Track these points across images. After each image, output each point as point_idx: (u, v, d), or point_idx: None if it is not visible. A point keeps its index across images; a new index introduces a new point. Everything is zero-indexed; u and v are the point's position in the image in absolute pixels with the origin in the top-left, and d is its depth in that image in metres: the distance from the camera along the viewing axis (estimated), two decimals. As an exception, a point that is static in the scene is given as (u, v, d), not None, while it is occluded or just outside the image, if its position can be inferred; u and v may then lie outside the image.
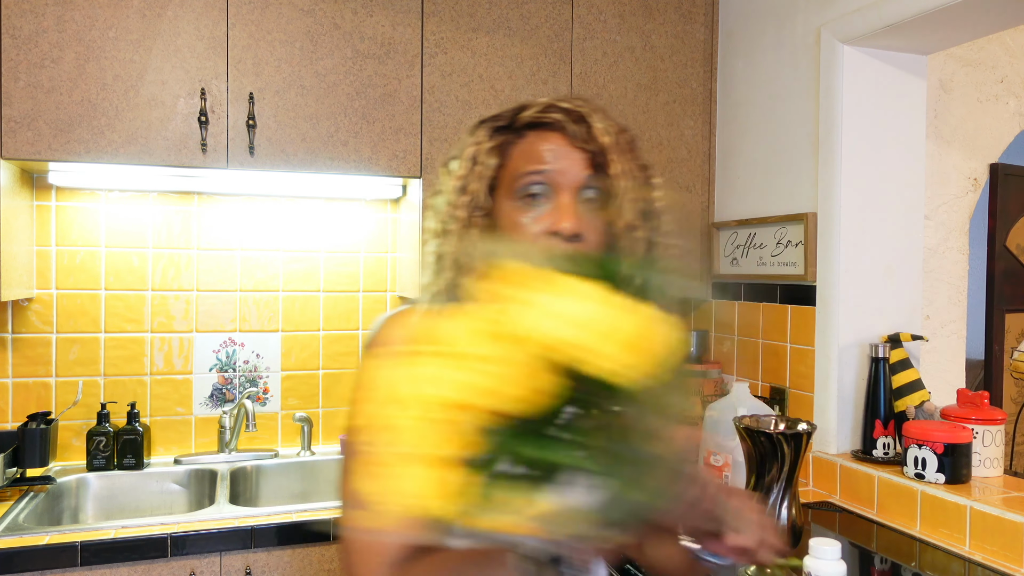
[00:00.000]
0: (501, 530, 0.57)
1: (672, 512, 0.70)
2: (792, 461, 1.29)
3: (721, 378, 2.32)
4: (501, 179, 0.90)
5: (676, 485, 0.60)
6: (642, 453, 0.56)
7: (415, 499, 0.56)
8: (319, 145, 1.93)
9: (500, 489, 0.56)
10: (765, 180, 2.15)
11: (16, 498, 1.79)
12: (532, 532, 0.58)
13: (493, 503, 0.56)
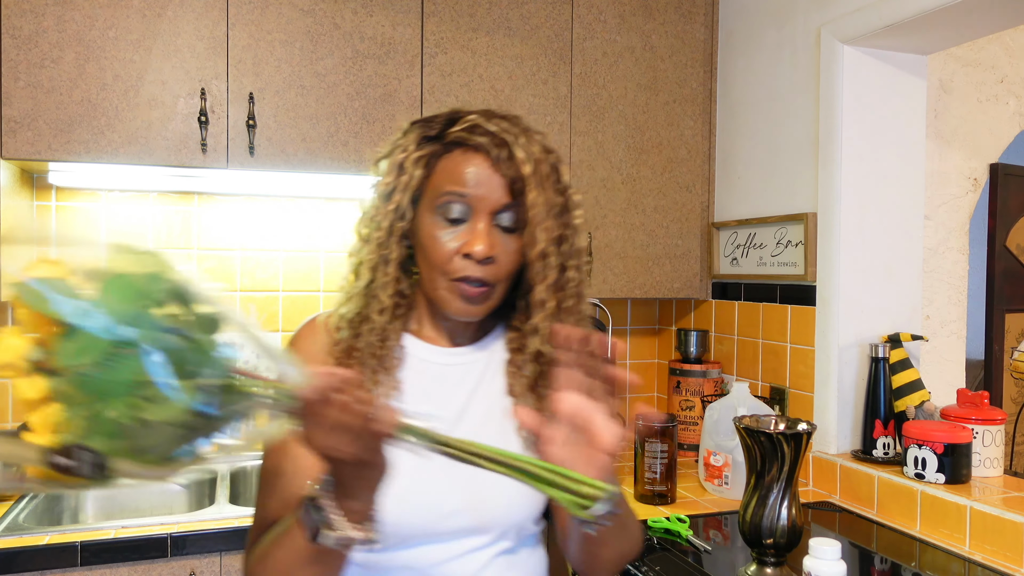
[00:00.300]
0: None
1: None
2: (792, 461, 1.29)
3: (721, 378, 2.32)
4: (424, 190, 0.94)
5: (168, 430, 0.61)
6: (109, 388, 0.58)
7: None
8: (319, 145, 1.93)
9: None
10: (765, 180, 2.15)
11: (16, 498, 1.79)
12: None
13: None
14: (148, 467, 0.61)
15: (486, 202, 0.90)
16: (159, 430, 0.60)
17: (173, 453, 0.62)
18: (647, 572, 1.40)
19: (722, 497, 1.90)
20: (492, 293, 0.93)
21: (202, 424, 0.62)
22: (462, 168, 0.91)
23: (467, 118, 0.93)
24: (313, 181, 2.07)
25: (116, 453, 0.59)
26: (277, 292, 2.26)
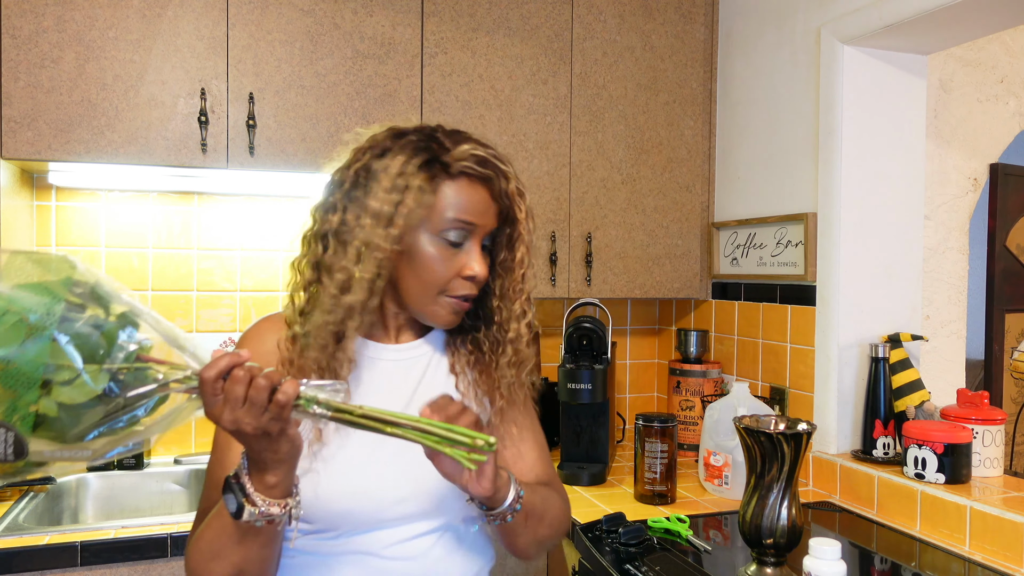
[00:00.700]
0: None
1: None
2: (792, 461, 1.29)
3: (721, 378, 2.32)
4: (428, 216, 0.97)
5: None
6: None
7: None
8: (319, 145, 1.93)
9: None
10: (765, 180, 2.15)
11: (16, 498, 1.79)
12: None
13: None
14: (64, 447, 0.66)
15: (483, 229, 1.00)
16: (73, 412, 0.65)
17: (87, 435, 0.67)
18: (647, 572, 1.40)
19: (722, 497, 1.90)
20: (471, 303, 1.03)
21: (112, 406, 0.67)
22: (472, 199, 0.98)
23: (464, 147, 0.98)
24: (313, 181, 2.07)
25: (34, 434, 0.64)
26: (277, 292, 2.26)
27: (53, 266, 0.69)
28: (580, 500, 1.87)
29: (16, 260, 0.69)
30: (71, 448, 0.66)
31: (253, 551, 0.84)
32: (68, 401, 0.65)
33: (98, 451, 0.69)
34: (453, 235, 0.97)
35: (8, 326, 0.64)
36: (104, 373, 0.67)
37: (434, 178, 0.97)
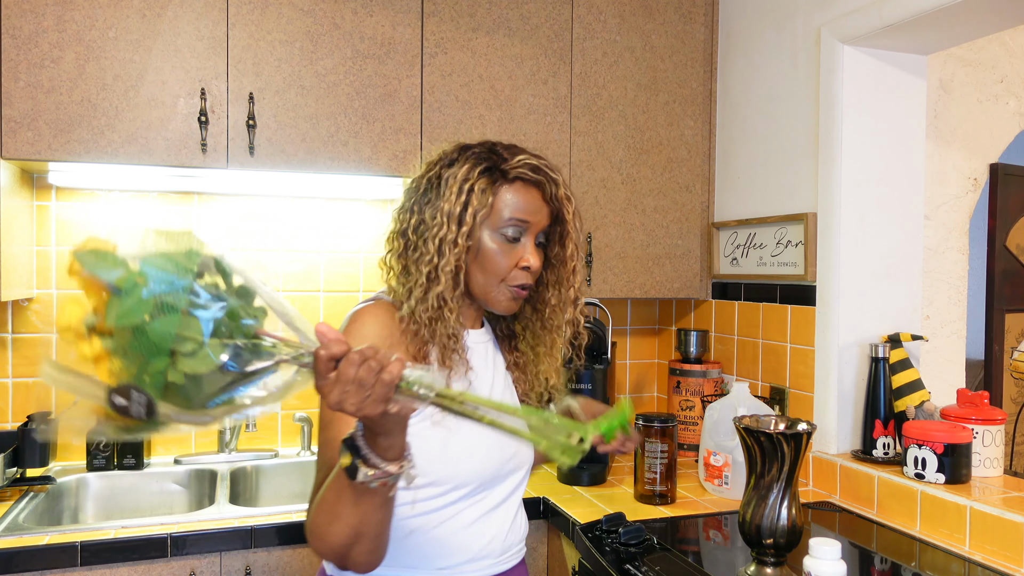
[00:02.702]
0: None
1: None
2: (792, 461, 1.29)
3: (721, 378, 2.32)
4: (490, 214, 1.13)
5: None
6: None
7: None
8: (319, 145, 1.93)
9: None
10: (765, 180, 2.15)
11: (16, 498, 1.79)
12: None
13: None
14: (189, 412, 0.70)
15: (537, 226, 1.15)
16: (196, 381, 0.70)
17: (209, 402, 0.71)
18: (647, 572, 1.40)
19: (722, 497, 1.89)
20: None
21: (233, 378, 0.72)
22: (527, 200, 1.14)
23: (522, 159, 1.15)
24: (313, 181, 2.07)
25: (162, 398, 0.69)
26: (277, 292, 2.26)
27: (178, 238, 0.75)
28: (580, 500, 1.87)
29: (149, 237, 0.75)
30: (194, 413, 0.71)
31: (369, 513, 0.90)
32: (191, 371, 0.69)
33: (217, 417, 0.73)
34: (510, 231, 1.13)
35: (139, 299, 0.69)
36: (225, 347, 0.71)
37: (494, 182, 1.13)
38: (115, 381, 0.69)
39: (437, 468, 1.09)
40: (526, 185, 1.15)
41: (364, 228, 2.34)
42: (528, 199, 1.14)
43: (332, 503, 0.91)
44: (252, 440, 2.24)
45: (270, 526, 1.66)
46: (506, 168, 1.14)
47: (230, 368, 0.72)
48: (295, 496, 2.14)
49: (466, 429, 1.08)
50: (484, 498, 1.16)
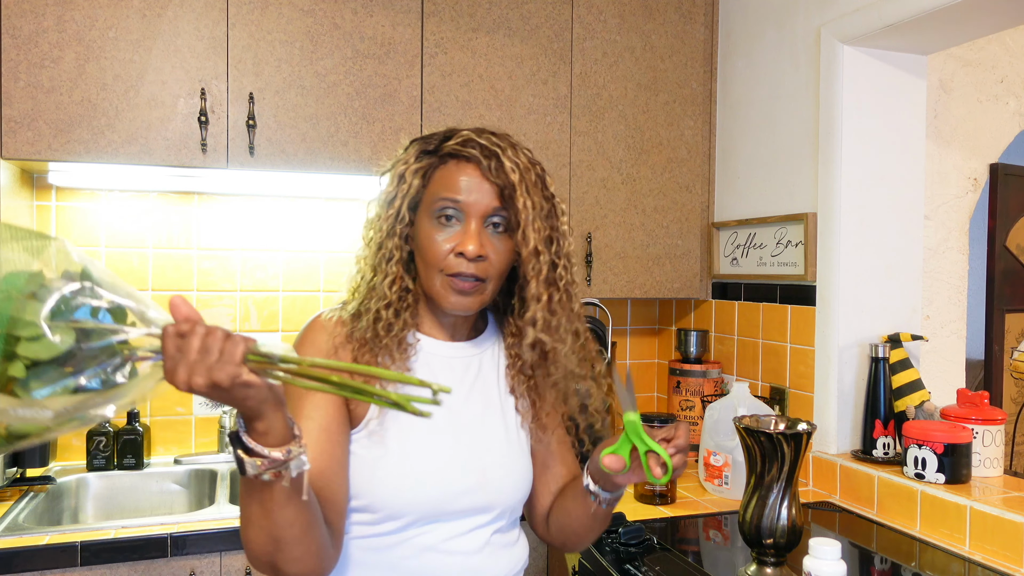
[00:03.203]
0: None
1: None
2: (792, 461, 1.29)
3: (721, 378, 2.32)
4: (423, 198, 1.05)
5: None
6: None
7: None
8: (319, 145, 1.93)
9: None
10: (765, 180, 2.15)
11: (16, 498, 1.79)
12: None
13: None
14: (22, 404, 0.66)
15: (477, 207, 1.01)
16: (37, 373, 0.67)
17: (44, 390, 0.68)
18: (647, 572, 1.40)
19: (722, 497, 1.90)
20: (484, 288, 1.03)
21: (76, 366, 0.69)
22: (456, 177, 1.02)
23: (460, 133, 1.05)
24: (313, 181, 2.07)
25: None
26: (277, 292, 2.26)
27: (29, 240, 0.72)
28: (580, 500, 1.87)
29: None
30: (30, 407, 0.67)
31: (276, 512, 0.84)
32: (33, 356, 0.66)
33: (58, 414, 0.68)
34: (444, 213, 1.01)
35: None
36: (69, 331, 0.68)
37: (428, 165, 1.05)
38: None
39: (366, 491, 0.99)
40: (459, 162, 1.03)
41: (364, 228, 2.33)
42: (461, 176, 1.02)
43: (244, 508, 0.87)
44: (252, 440, 2.23)
45: (270, 526, 1.65)
46: (440, 147, 1.05)
47: (74, 352, 0.68)
48: (295, 496, 2.14)
49: (407, 451, 1.00)
50: (431, 531, 1.02)
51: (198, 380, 0.71)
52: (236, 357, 0.72)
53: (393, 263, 1.05)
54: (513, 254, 1.05)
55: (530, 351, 1.07)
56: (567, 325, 1.07)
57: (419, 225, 1.04)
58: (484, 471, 1.05)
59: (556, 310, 1.05)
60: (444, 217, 1.02)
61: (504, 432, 1.10)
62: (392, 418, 1.01)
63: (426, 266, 1.03)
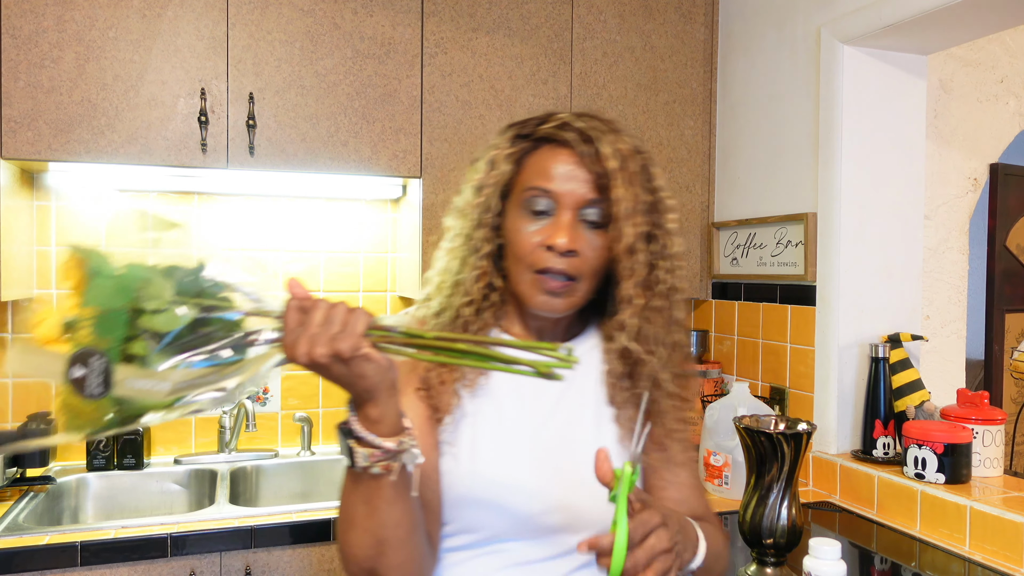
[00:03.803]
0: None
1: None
2: (792, 461, 1.28)
3: (721, 378, 2.32)
4: (513, 185, 0.96)
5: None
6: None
7: None
8: (319, 145, 1.93)
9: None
10: (765, 180, 2.15)
11: (16, 498, 1.79)
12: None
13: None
14: (145, 377, 0.67)
15: (571, 197, 0.91)
16: (159, 341, 0.68)
17: (167, 362, 0.69)
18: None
19: (722, 497, 1.89)
20: (575, 288, 0.93)
21: (195, 338, 0.70)
22: (549, 164, 0.93)
23: (558, 116, 0.95)
24: (313, 181, 2.07)
25: (120, 358, 0.67)
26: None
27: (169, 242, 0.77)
28: (580, 500, 1.87)
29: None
30: (150, 378, 0.68)
31: (383, 511, 0.79)
32: (156, 328, 0.68)
33: (175, 388, 0.69)
34: (534, 204, 0.92)
35: (114, 276, 0.70)
36: (192, 305, 0.70)
37: (521, 150, 0.96)
38: (76, 348, 0.68)
39: (444, 501, 0.93)
40: (554, 147, 0.94)
41: (364, 228, 2.34)
42: (554, 163, 0.92)
43: (346, 508, 0.82)
44: (252, 440, 2.24)
45: (270, 526, 1.66)
46: (536, 130, 0.96)
47: (196, 326, 0.70)
48: (295, 496, 2.15)
49: (476, 463, 0.92)
50: (514, 549, 0.94)
51: (320, 350, 0.70)
52: (359, 328, 0.71)
53: (480, 256, 0.96)
54: (609, 252, 0.94)
55: (618, 359, 0.96)
56: (663, 336, 0.95)
57: (508, 215, 0.95)
58: (569, 489, 0.93)
59: (651, 317, 0.94)
60: (534, 207, 0.92)
61: (595, 447, 0.97)
62: (467, 427, 0.94)
63: (514, 260, 0.94)
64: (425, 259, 2.02)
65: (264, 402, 2.25)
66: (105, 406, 0.68)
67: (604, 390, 1.00)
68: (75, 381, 0.66)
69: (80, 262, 0.70)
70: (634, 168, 0.92)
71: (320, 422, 2.30)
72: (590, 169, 0.91)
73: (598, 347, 1.02)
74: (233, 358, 0.71)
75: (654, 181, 0.96)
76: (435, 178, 2.03)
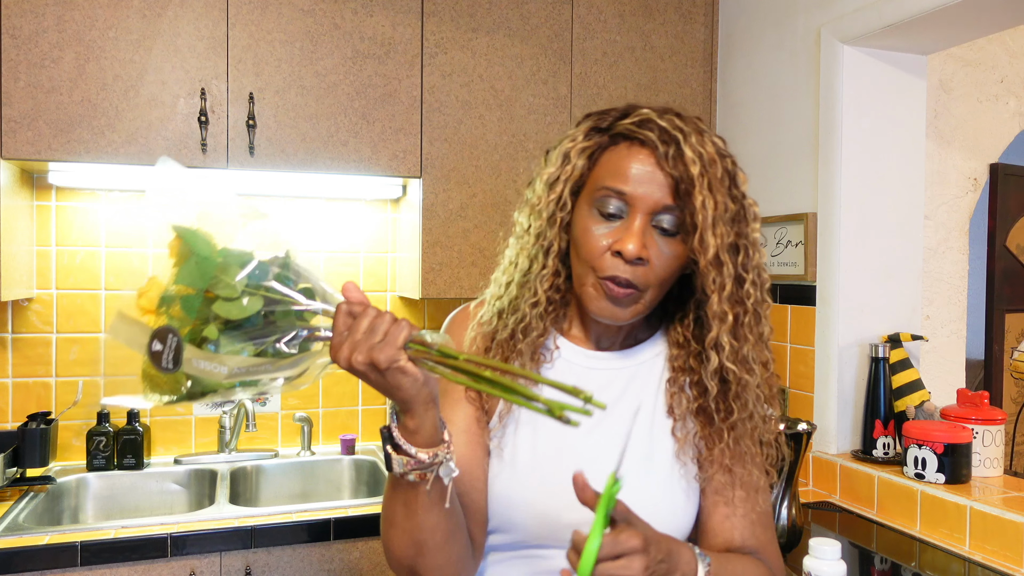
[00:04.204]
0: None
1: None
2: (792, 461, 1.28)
3: (721, 378, 2.31)
4: (586, 182, 0.91)
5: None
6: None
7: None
8: (319, 145, 1.93)
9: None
10: (765, 180, 2.15)
11: (16, 498, 1.79)
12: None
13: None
14: (210, 359, 0.72)
15: (646, 201, 0.85)
16: (228, 334, 0.73)
17: (230, 347, 0.73)
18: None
19: (722, 497, 1.89)
20: (640, 297, 0.88)
21: (259, 328, 0.74)
22: (626, 163, 0.87)
23: (640, 111, 0.89)
24: (313, 181, 2.07)
25: (194, 338, 0.72)
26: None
27: (259, 236, 0.79)
28: (580, 500, 1.87)
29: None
30: (211, 360, 0.72)
31: (420, 515, 0.80)
32: (225, 315, 0.72)
33: (232, 373, 0.73)
34: (606, 205, 0.86)
35: (205, 255, 0.74)
36: (259, 297, 0.74)
37: (597, 144, 0.90)
38: (158, 324, 0.73)
39: (488, 501, 0.93)
40: (632, 146, 0.87)
41: (364, 228, 2.34)
42: (631, 163, 0.86)
43: (387, 507, 0.84)
44: (252, 440, 2.24)
45: (270, 526, 1.66)
46: (615, 125, 0.89)
47: (262, 317, 0.74)
48: (295, 496, 2.15)
49: (517, 464, 0.91)
50: (553, 555, 0.91)
51: (358, 358, 0.71)
52: (398, 341, 0.72)
53: (550, 256, 0.92)
54: (683, 261, 0.88)
55: (713, 381, 0.90)
56: (755, 354, 0.89)
57: (577, 213, 0.90)
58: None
59: (744, 335, 0.88)
60: (605, 209, 0.86)
61: (647, 460, 0.92)
62: (512, 428, 0.93)
63: (579, 261, 0.89)
64: (425, 259, 2.02)
65: (264, 402, 2.25)
66: (180, 379, 0.73)
67: (664, 399, 0.95)
68: (153, 354, 0.72)
69: (181, 241, 0.75)
70: (718, 173, 0.85)
71: (320, 422, 2.30)
72: (669, 172, 0.85)
73: (663, 354, 0.98)
74: (289, 352, 0.75)
75: (740, 187, 0.89)
76: (435, 178, 2.03)
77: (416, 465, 0.77)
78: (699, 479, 0.94)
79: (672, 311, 0.98)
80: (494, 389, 0.72)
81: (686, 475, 0.93)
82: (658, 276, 0.87)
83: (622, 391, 0.96)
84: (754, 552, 0.93)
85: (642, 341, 0.99)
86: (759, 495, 0.94)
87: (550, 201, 0.91)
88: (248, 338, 0.73)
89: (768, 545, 0.96)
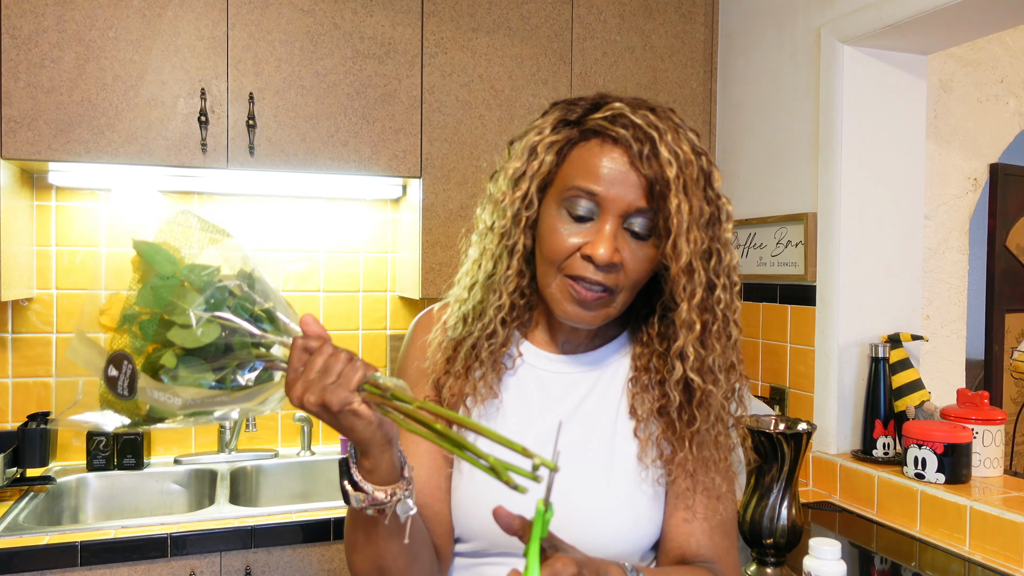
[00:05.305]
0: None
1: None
2: (792, 461, 1.29)
3: (721, 378, 2.31)
4: (555, 179, 0.86)
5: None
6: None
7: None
8: (319, 145, 1.93)
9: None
10: (765, 180, 2.15)
11: (16, 498, 1.79)
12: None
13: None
14: (163, 390, 0.71)
15: (618, 203, 0.81)
16: (184, 361, 0.71)
17: (185, 378, 0.72)
18: (647, 572, 1.40)
19: (722, 497, 1.89)
20: (611, 301, 0.84)
21: (216, 363, 0.72)
22: (597, 162, 0.81)
23: (612, 105, 0.83)
24: (313, 181, 2.07)
25: (149, 365, 0.71)
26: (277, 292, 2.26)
27: (225, 248, 0.78)
28: (580, 500, 1.87)
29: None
30: (164, 391, 0.71)
31: (380, 544, 0.80)
32: (181, 343, 0.70)
33: (186, 404, 0.71)
34: (576, 207, 0.82)
35: (164, 275, 0.74)
36: (215, 326, 0.71)
37: (566, 139, 0.85)
38: (114, 349, 0.72)
39: (449, 508, 0.92)
40: (604, 142, 0.82)
41: (364, 228, 2.34)
42: (602, 162, 0.81)
43: (349, 531, 0.84)
44: (252, 440, 2.24)
45: (270, 526, 1.66)
46: (586, 119, 0.84)
47: (215, 346, 0.71)
48: (295, 496, 2.15)
49: (475, 472, 0.88)
50: (504, 563, 0.88)
51: (311, 398, 0.69)
52: (352, 383, 0.70)
53: (515, 257, 0.87)
54: (655, 264, 0.84)
55: (676, 390, 0.87)
56: (722, 361, 0.86)
57: (545, 212, 0.85)
58: (570, 508, 0.84)
59: (711, 344, 0.85)
60: (575, 211, 0.82)
61: (608, 464, 0.89)
62: (471, 438, 0.86)
63: (544, 261, 0.85)
64: (425, 259, 2.02)
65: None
66: (139, 404, 0.72)
67: (626, 400, 0.92)
68: (109, 380, 0.71)
69: (141, 258, 0.74)
70: (694, 174, 0.81)
71: (320, 422, 2.30)
72: (643, 173, 0.80)
73: (628, 353, 0.95)
74: (245, 385, 0.73)
75: (715, 188, 0.84)
76: (435, 178, 2.03)
77: (372, 503, 0.75)
78: (663, 482, 0.91)
79: (638, 307, 0.94)
80: (444, 442, 0.69)
81: (649, 479, 0.90)
82: (631, 280, 0.84)
83: (585, 395, 0.93)
84: (710, 561, 0.90)
85: (611, 339, 0.96)
86: (720, 502, 0.91)
87: (515, 199, 0.86)
88: (208, 366, 0.72)
89: (725, 555, 0.92)
